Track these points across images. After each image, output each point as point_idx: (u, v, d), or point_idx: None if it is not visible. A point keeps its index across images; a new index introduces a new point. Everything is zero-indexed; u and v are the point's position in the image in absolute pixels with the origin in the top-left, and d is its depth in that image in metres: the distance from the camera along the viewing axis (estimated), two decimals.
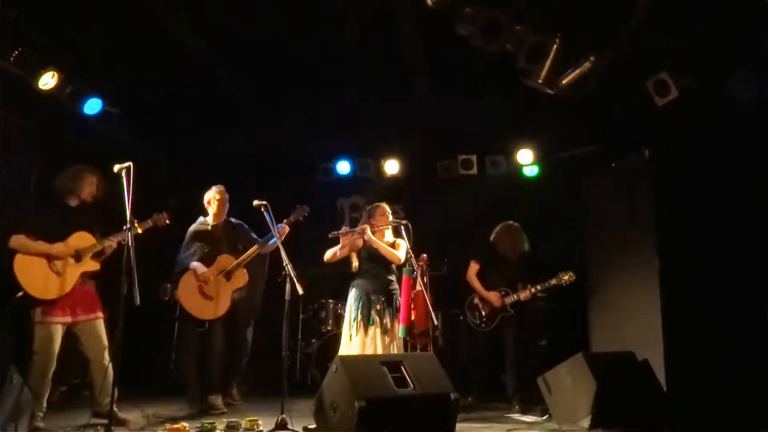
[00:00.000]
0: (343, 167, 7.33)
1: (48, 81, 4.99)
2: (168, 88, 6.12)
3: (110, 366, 3.95)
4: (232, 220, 5.11)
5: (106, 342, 4.11)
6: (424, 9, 4.45)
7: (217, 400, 4.76)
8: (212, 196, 4.99)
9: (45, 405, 3.91)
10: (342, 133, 6.83)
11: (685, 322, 4.87)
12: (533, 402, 4.76)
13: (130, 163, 3.74)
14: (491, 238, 5.45)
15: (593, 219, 5.89)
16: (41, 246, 3.96)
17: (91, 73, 5.44)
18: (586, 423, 3.92)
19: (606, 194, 5.73)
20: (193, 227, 5.02)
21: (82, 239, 4.10)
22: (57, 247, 3.99)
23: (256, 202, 4.27)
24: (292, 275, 3.97)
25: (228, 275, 4.83)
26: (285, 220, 4.79)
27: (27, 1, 4.48)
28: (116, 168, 3.76)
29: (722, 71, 4.88)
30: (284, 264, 4.04)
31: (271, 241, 4.80)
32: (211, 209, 4.99)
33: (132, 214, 3.77)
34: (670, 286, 4.99)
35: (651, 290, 5.07)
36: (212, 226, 4.98)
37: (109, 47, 5.22)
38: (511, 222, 5.44)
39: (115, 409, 3.71)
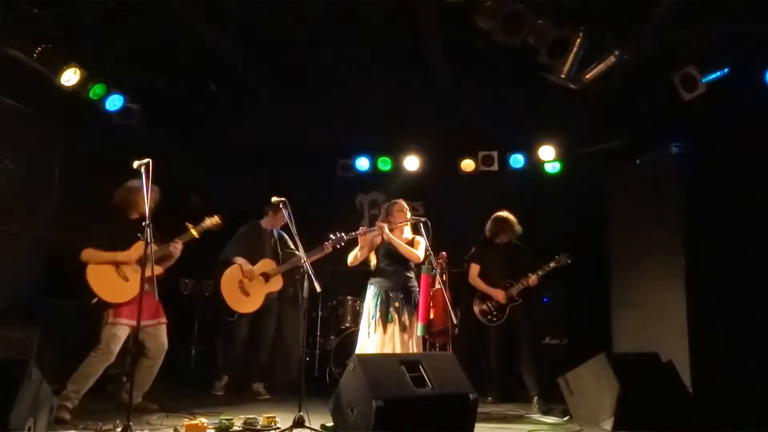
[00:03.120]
0: (363, 163, 7.30)
1: (70, 77, 5.05)
2: (188, 84, 6.15)
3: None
4: (278, 230, 5.53)
5: (166, 345, 4.42)
6: (445, 3, 4.39)
7: (221, 384, 5.20)
8: (279, 211, 5.01)
9: (80, 397, 4.11)
10: (362, 129, 6.79)
11: (712, 323, 4.75)
12: (554, 402, 4.69)
13: (149, 160, 3.74)
14: (487, 235, 5.45)
15: (617, 216, 5.77)
16: (111, 255, 4.24)
17: (112, 69, 5.49)
18: (608, 425, 3.84)
19: (630, 191, 5.62)
20: (246, 226, 5.42)
21: (143, 247, 4.25)
22: (124, 254, 4.27)
23: (275, 199, 4.27)
24: (310, 273, 3.95)
25: (267, 278, 5.23)
26: (321, 247, 4.88)
27: None
28: (136, 164, 3.77)
29: (752, 62, 4.74)
30: (302, 261, 4.04)
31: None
32: (269, 218, 5.45)
33: (152, 209, 3.80)
34: (697, 285, 4.88)
35: (676, 289, 4.96)
36: (264, 230, 5.43)
37: (129, 43, 5.25)
38: (498, 213, 5.47)
39: (141, 400, 4.31)
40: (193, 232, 4.51)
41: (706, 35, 4.71)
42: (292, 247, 5.30)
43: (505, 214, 5.45)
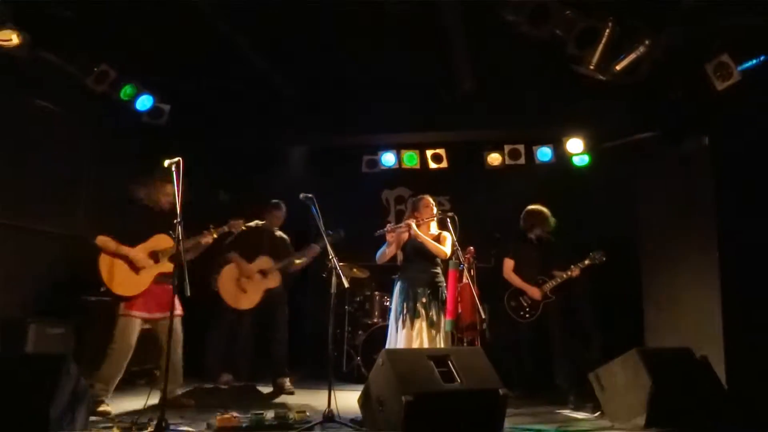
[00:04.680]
0: (388, 159, 7.28)
1: (100, 78, 5.14)
2: (214, 84, 6.21)
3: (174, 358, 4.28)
4: (279, 232, 5.65)
5: (181, 337, 4.46)
6: None
7: (226, 377, 5.39)
8: (273, 213, 5.60)
9: (112, 390, 4.21)
10: (387, 124, 6.78)
11: (747, 318, 4.64)
12: (585, 398, 4.64)
13: (180, 158, 3.80)
14: (521, 228, 5.41)
15: (648, 210, 5.68)
16: (123, 249, 4.27)
17: (141, 69, 5.57)
18: (641, 421, 3.78)
19: (661, 184, 5.51)
20: (246, 224, 5.38)
21: (161, 241, 4.39)
22: (135, 252, 4.30)
23: (302, 195, 4.29)
24: (338, 268, 3.98)
25: (264, 274, 5.38)
26: (318, 244, 5.26)
27: (80, 0, 4.61)
28: (167, 163, 3.82)
29: None
30: (330, 257, 4.06)
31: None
32: (267, 217, 5.60)
33: (182, 207, 3.85)
34: (731, 279, 4.77)
35: (710, 284, 4.86)
36: (262, 229, 5.51)
37: (157, 44, 5.31)
38: (530, 207, 5.44)
39: (179, 393, 4.43)
40: (214, 234, 4.58)
41: (740, 22, 4.58)
42: (291, 249, 5.57)
43: (538, 207, 5.41)
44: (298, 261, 5.43)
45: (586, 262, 5.13)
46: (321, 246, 5.14)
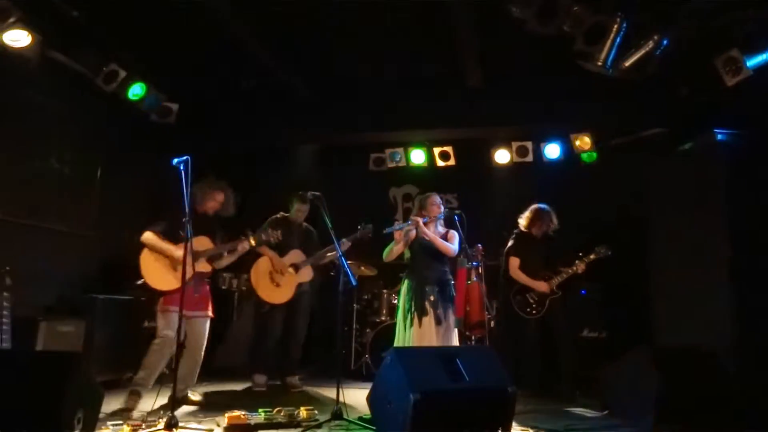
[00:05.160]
0: (396, 156, 7.28)
1: (109, 77, 5.17)
2: (221, 83, 6.23)
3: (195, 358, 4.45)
4: (306, 224, 5.55)
5: (205, 339, 4.51)
6: None
7: (260, 377, 5.24)
8: (298, 206, 5.41)
9: (153, 382, 4.26)
10: (394, 121, 6.78)
11: (757, 315, 4.61)
12: (593, 396, 4.62)
13: (188, 157, 3.81)
14: (524, 225, 5.41)
15: (657, 206, 5.64)
16: (166, 246, 4.33)
17: (150, 69, 5.60)
18: (649, 419, 3.77)
19: (671, 180, 5.47)
20: (272, 218, 5.40)
21: (200, 243, 4.42)
22: (178, 251, 4.32)
23: (310, 194, 4.30)
24: (346, 266, 3.98)
25: (297, 269, 5.31)
26: (348, 238, 5.12)
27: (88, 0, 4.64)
28: (175, 161, 3.84)
29: None
30: (338, 255, 4.06)
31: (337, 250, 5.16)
32: (295, 209, 5.43)
33: (191, 207, 3.87)
34: (741, 277, 4.73)
35: (719, 281, 4.82)
36: (291, 222, 5.40)
37: (166, 44, 5.33)
38: (536, 205, 5.42)
39: (189, 393, 4.49)
40: (252, 241, 4.59)
41: (750, 17, 4.54)
42: (318, 241, 5.46)
43: (544, 205, 5.40)
44: (330, 254, 5.31)
45: (591, 256, 5.14)
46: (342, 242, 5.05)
